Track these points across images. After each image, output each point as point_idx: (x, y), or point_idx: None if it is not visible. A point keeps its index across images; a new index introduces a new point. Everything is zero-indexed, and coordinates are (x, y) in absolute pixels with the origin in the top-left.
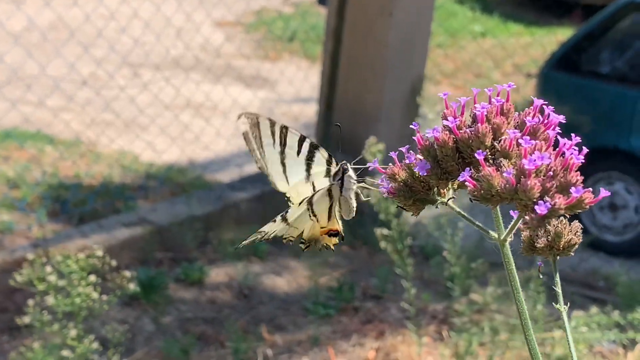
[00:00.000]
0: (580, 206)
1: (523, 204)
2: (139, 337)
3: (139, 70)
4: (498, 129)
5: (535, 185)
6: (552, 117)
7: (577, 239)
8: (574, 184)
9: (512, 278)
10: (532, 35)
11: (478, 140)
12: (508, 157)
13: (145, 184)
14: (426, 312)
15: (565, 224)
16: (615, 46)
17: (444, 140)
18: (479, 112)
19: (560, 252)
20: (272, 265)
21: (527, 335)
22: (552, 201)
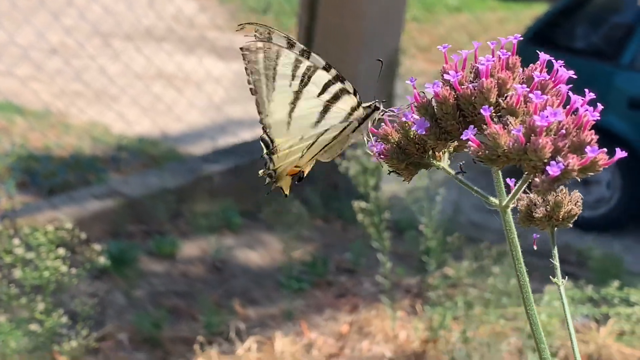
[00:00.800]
0: (595, 168)
1: (532, 165)
2: (110, 311)
3: (109, 40)
4: (504, 84)
5: (547, 144)
6: (561, 72)
7: (578, 209)
8: (589, 143)
9: (513, 247)
10: (508, 10)
11: (482, 96)
12: (515, 115)
13: (117, 155)
14: (400, 286)
15: (565, 193)
16: (591, 21)
17: (445, 97)
18: (483, 65)
19: (559, 223)
20: (246, 239)
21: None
22: (565, 162)
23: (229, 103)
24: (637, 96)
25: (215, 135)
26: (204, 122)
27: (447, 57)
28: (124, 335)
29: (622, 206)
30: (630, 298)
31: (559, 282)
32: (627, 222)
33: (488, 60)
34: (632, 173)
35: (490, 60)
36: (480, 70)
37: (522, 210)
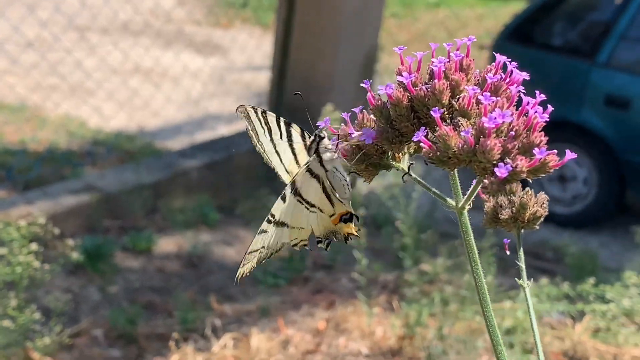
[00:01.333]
0: (544, 169)
1: (482, 167)
2: (84, 307)
3: (85, 34)
4: (457, 85)
5: (496, 146)
6: (515, 74)
7: (543, 210)
8: (538, 145)
9: (469, 249)
10: (486, 7)
11: (435, 98)
12: (467, 117)
13: (93, 150)
14: (377, 283)
15: (531, 194)
16: (568, 18)
17: (398, 98)
18: (436, 67)
19: (525, 225)
20: (222, 234)
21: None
22: (514, 163)
23: (206, 98)
24: (613, 93)
25: (192, 130)
26: (181, 116)
27: (402, 59)
28: (98, 331)
29: (599, 203)
30: (606, 295)
31: (524, 284)
32: (603, 219)
33: (441, 61)
34: (608, 170)
35: (443, 61)
36: (433, 72)
37: (488, 212)
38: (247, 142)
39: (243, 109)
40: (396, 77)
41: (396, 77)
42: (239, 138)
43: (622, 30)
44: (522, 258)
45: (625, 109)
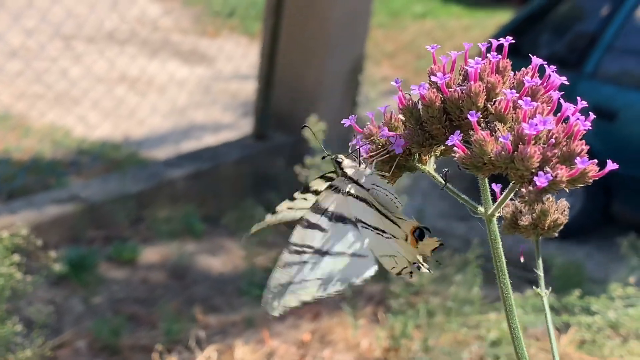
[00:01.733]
0: (584, 179)
1: (519, 175)
2: (68, 318)
3: (71, 42)
4: (492, 88)
5: (535, 154)
6: (553, 78)
7: (564, 218)
8: (579, 154)
9: (497, 258)
10: (472, 17)
11: (470, 100)
12: (503, 121)
13: (78, 159)
14: (363, 294)
15: (552, 201)
16: (554, 29)
17: (431, 99)
18: (472, 68)
19: (544, 232)
20: (207, 245)
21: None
22: (554, 172)
23: (192, 107)
24: (599, 105)
25: (178, 140)
26: (167, 126)
27: (435, 58)
28: (82, 343)
29: (585, 214)
30: (591, 307)
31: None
32: (589, 230)
33: (477, 62)
34: (594, 181)
35: (480, 62)
36: (469, 73)
37: (507, 218)
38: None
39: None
40: (429, 77)
41: (429, 77)
42: (225, 148)
43: (608, 42)
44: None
45: (611, 120)
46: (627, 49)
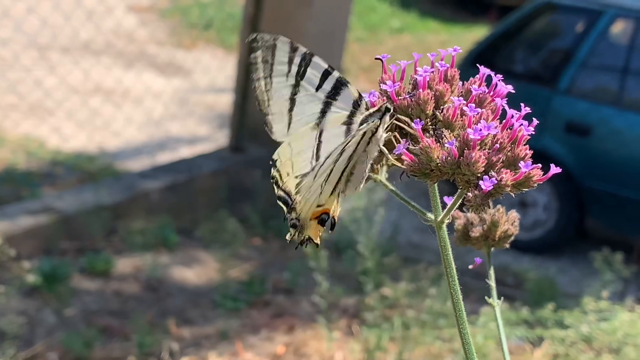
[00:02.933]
0: (529, 183)
1: (466, 179)
2: (40, 330)
3: (46, 53)
4: (441, 96)
5: (480, 158)
6: (499, 87)
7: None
8: (523, 158)
9: (448, 265)
10: (449, 32)
11: (419, 108)
12: (451, 128)
13: (52, 171)
14: (338, 307)
15: (502, 212)
16: (530, 45)
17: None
18: (421, 76)
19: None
20: (182, 257)
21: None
22: (499, 176)
23: (168, 119)
24: (573, 120)
25: (153, 151)
26: (143, 137)
27: (385, 67)
28: (53, 355)
29: (559, 229)
30: (565, 321)
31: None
32: (563, 245)
33: (426, 71)
34: (568, 196)
35: (429, 71)
36: (418, 82)
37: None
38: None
39: (269, 38)
40: (379, 85)
41: (379, 86)
42: (200, 160)
43: (582, 58)
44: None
45: (585, 136)
46: (601, 66)
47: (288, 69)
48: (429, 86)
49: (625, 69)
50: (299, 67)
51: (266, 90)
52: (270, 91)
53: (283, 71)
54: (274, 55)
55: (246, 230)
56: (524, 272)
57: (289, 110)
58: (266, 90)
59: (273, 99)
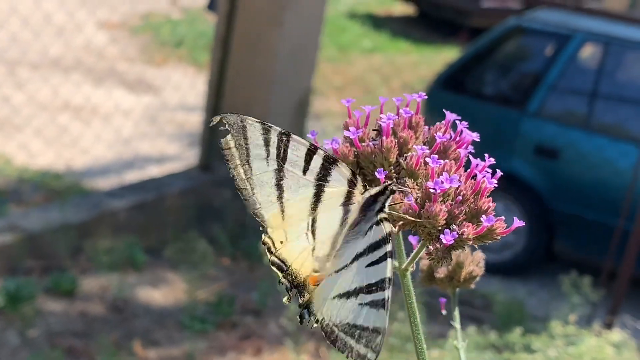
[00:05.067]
0: (491, 236)
1: (427, 232)
2: (3, 351)
3: (15, 68)
4: (405, 143)
5: (441, 212)
6: (465, 134)
7: (479, 270)
8: (485, 212)
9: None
10: (419, 53)
11: (382, 155)
12: (414, 177)
13: (18, 188)
14: (305, 330)
15: (467, 253)
16: (500, 67)
17: (344, 154)
18: (385, 123)
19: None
20: (149, 277)
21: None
22: (460, 230)
23: (137, 137)
24: (542, 143)
25: (121, 170)
26: (111, 156)
27: (350, 112)
28: None
29: (527, 251)
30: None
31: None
32: (531, 267)
33: (390, 118)
34: (537, 218)
35: (392, 118)
36: (382, 128)
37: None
38: (178, 183)
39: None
40: (343, 131)
41: (343, 132)
42: (169, 179)
43: (552, 81)
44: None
45: (554, 158)
46: (570, 89)
47: (266, 152)
48: (394, 132)
49: (594, 92)
50: (277, 150)
51: (247, 178)
52: (251, 179)
53: (261, 155)
54: (247, 138)
55: (215, 250)
56: (493, 294)
57: (278, 197)
58: (247, 178)
59: (257, 188)
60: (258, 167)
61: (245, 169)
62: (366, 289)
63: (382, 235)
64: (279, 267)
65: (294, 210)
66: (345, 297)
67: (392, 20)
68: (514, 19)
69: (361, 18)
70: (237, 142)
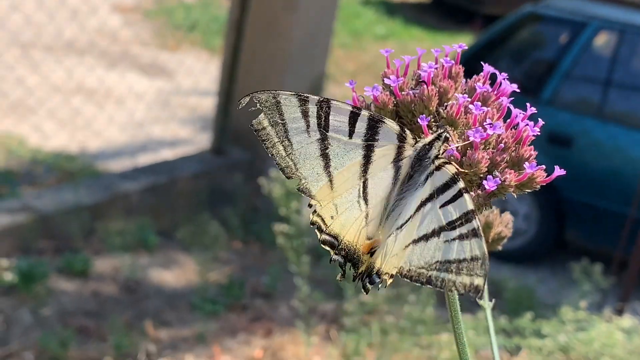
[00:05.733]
0: (532, 184)
1: (468, 179)
2: (16, 329)
3: (29, 51)
4: (445, 93)
5: (483, 159)
6: (504, 86)
7: (508, 231)
8: (527, 159)
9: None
10: (433, 40)
11: (422, 104)
12: (454, 125)
13: (32, 170)
14: (316, 312)
15: (497, 214)
16: (514, 55)
17: (384, 102)
18: (425, 72)
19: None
20: (161, 259)
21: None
22: (502, 177)
23: (150, 120)
24: (555, 131)
25: (134, 153)
26: (124, 138)
27: (389, 62)
28: (29, 355)
29: (539, 239)
30: (542, 330)
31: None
32: (542, 255)
33: (430, 67)
34: (548, 207)
35: (433, 67)
36: (422, 77)
37: None
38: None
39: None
40: (382, 79)
41: (382, 80)
42: (182, 162)
43: (566, 69)
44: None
45: (567, 147)
46: (584, 77)
47: (306, 123)
48: (433, 82)
49: (608, 80)
50: (318, 119)
51: (287, 155)
52: (292, 154)
53: (301, 128)
54: (282, 113)
55: (226, 234)
56: (503, 281)
57: (324, 168)
58: (287, 155)
59: (300, 162)
60: (299, 140)
61: (285, 144)
62: (448, 227)
63: (448, 176)
64: (331, 244)
65: (344, 178)
66: (423, 240)
67: (406, 6)
68: (529, 6)
69: (375, 4)
70: (271, 120)
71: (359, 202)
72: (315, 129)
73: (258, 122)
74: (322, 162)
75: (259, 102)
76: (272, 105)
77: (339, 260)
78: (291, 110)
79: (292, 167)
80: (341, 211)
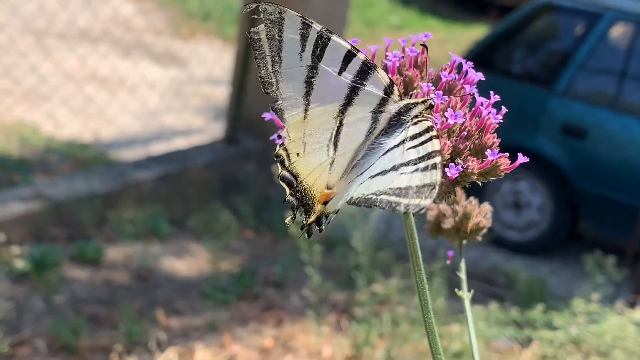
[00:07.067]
0: (496, 172)
1: None
2: (28, 316)
3: (42, 38)
4: (410, 82)
5: (446, 146)
6: (470, 74)
7: (486, 221)
8: (490, 147)
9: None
10: (447, 31)
11: None
12: None
13: (45, 158)
14: (327, 302)
15: (475, 205)
16: (529, 46)
17: None
18: (390, 62)
19: (467, 236)
20: (173, 247)
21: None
22: (465, 164)
23: (163, 109)
24: (569, 122)
25: (147, 141)
26: (137, 127)
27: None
28: (41, 342)
29: (552, 230)
30: (554, 322)
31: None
32: (555, 246)
33: (395, 56)
34: (562, 198)
35: (398, 56)
36: (387, 67)
37: (431, 221)
38: (204, 156)
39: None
40: None
41: None
42: (195, 151)
43: (581, 61)
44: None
45: (581, 138)
46: (599, 69)
47: (301, 46)
48: (399, 72)
49: (623, 72)
50: (315, 47)
51: (273, 71)
52: (278, 72)
53: (295, 49)
54: (282, 30)
55: (238, 223)
56: (515, 272)
57: (304, 94)
58: (273, 71)
59: (283, 82)
60: (289, 61)
61: (275, 60)
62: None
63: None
64: (289, 182)
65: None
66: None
67: None
68: None
69: None
70: (269, 33)
71: (328, 147)
72: (308, 55)
73: (255, 31)
74: (304, 88)
75: (263, 12)
76: (275, 19)
77: (293, 203)
78: (291, 30)
79: (273, 84)
80: (308, 151)
